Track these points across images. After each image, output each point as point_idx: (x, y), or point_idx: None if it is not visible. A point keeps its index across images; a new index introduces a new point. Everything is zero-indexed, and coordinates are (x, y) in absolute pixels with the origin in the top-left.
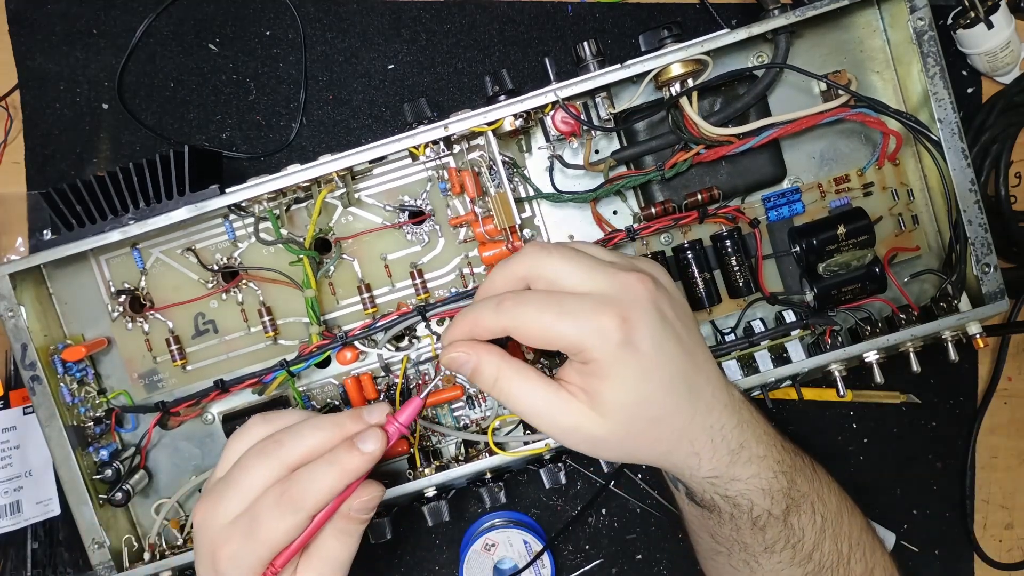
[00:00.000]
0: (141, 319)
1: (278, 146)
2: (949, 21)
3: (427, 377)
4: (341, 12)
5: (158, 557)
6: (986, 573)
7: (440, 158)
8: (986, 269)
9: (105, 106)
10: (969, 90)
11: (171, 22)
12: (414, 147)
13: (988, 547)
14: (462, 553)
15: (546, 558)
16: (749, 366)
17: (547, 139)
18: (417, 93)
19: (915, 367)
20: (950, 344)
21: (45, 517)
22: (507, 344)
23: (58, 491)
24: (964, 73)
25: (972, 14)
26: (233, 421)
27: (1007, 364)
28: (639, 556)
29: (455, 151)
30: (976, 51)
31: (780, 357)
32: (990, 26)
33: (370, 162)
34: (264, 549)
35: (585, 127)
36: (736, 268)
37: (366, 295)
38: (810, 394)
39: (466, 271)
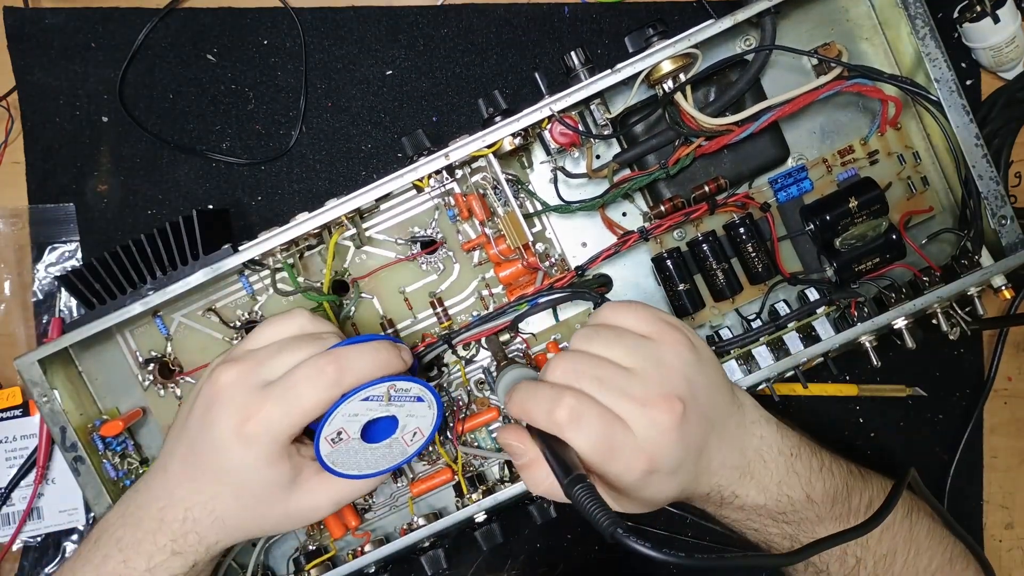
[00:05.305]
0: (172, 384)
1: (278, 154)
2: (955, 14)
3: (460, 403)
4: (338, 19)
5: None
6: None
7: (444, 186)
8: (1003, 221)
9: (105, 119)
10: (968, 82)
11: (168, 33)
12: (418, 180)
13: (988, 547)
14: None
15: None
16: (780, 349)
17: (548, 152)
18: (415, 98)
19: (947, 332)
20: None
21: (69, 526)
22: None
23: (85, 504)
24: (963, 65)
25: (978, 8)
26: None
27: (1008, 364)
28: None
29: (458, 176)
30: (981, 45)
31: (809, 336)
32: (996, 20)
33: (376, 200)
34: (298, 416)
35: (583, 136)
36: (753, 254)
37: (390, 331)
38: (816, 389)
39: (484, 293)
